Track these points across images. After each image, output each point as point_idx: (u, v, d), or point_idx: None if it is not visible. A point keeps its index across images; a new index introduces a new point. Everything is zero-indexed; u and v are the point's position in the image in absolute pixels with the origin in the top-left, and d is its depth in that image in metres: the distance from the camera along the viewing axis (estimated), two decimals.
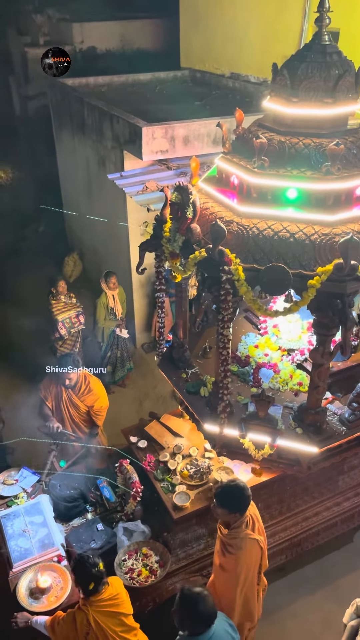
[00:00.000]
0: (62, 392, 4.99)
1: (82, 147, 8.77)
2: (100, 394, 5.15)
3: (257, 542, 3.49)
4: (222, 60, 9.56)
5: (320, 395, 3.77)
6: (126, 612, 3.31)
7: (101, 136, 7.75)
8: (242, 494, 3.40)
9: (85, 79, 9.81)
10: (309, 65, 3.42)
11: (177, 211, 3.69)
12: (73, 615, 3.27)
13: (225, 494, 3.40)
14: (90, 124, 8.12)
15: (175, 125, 6.56)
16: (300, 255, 3.30)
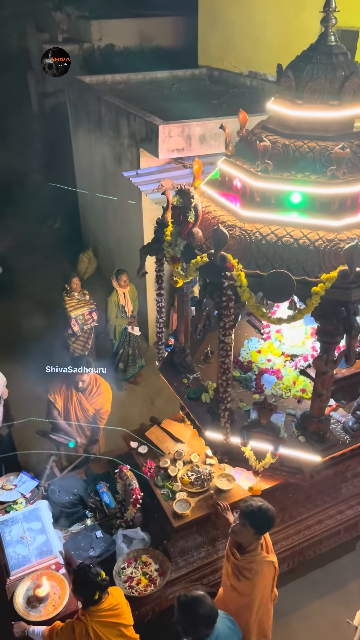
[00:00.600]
0: (73, 395, 4.96)
1: (99, 144, 8.80)
2: (108, 398, 5.15)
3: (272, 563, 3.42)
4: (240, 58, 9.50)
5: (324, 404, 3.70)
6: (126, 622, 3.26)
7: (118, 134, 7.76)
8: (272, 518, 3.34)
9: (103, 76, 9.84)
10: (314, 66, 3.34)
11: (179, 215, 3.63)
12: (72, 626, 3.22)
13: (258, 515, 3.30)
14: (107, 122, 8.14)
15: (191, 124, 6.55)
16: (304, 262, 3.22)
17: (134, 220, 7.68)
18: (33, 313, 8.57)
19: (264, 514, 3.31)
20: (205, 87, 9.91)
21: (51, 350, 7.01)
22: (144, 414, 6.30)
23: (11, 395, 5.35)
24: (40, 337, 7.71)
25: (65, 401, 5.00)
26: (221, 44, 9.92)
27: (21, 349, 7.65)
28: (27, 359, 7.17)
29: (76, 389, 4.94)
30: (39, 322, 8.22)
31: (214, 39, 10.11)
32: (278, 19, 8.16)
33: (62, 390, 4.99)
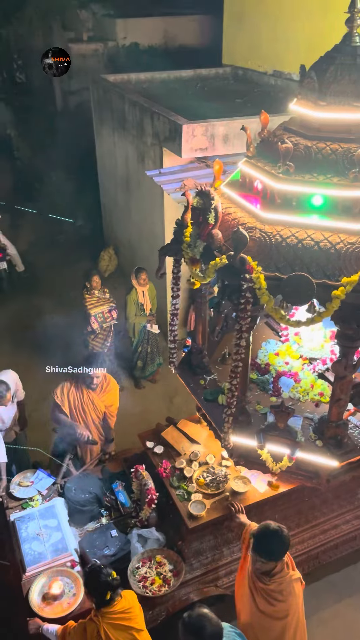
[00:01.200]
0: (84, 393, 4.89)
1: (122, 142, 8.84)
2: (117, 394, 5.12)
3: (299, 580, 3.35)
4: (265, 57, 9.43)
5: (342, 408, 3.67)
6: (138, 627, 3.25)
7: (141, 132, 7.78)
8: (283, 540, 3.19)
9: (127, 75, 9.86)
10: (338, 67, 3.30)
11: (199, 216, 3.61)
12: (84, 626, 3.23)
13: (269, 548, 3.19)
14: (131, 120, 8.17)
15: (215, 123, 6.53)
16: (325, 265, 3.19)
17: (156, 219, 7.70)
18: (53, 310, 8.63)
19: (273, 542, 3.18)
20: (229, 86, 9.88)
21: (70, 347, 7.08)
22: (162, 412, 6.33)
23: (29, 393, 5.39)
24: (60, 334, 7.78)
25: (77, 401, 4.90)
26: (246, 43, 9.86)
27: (41, 346, 7.73)
28: (46, 355, 7.26)
29: (87, 387, 4.86)
30: (59, 319, 8.27)
31: (239, 37, 10.06)
32: (304, 18, 8.08)
33: (71, 390, 4.89)
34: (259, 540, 3.20)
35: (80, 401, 4.91)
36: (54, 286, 9.31)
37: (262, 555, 3.19)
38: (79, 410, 4.90)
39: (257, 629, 3.36)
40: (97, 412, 4.99)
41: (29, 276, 9.75)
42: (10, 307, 9.06)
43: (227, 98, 8.64)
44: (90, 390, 4.89)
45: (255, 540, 3.21)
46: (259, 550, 3.19)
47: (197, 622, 2.73)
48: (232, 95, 8.89)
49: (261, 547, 3.19)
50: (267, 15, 9.02)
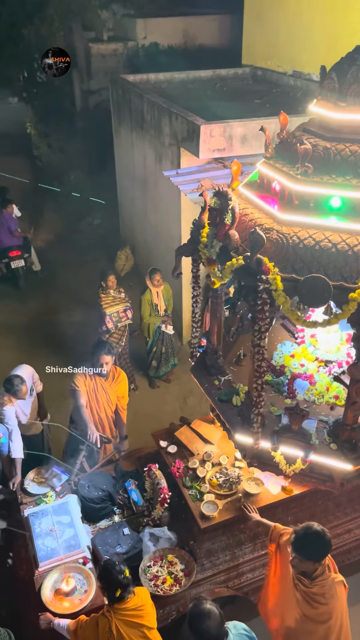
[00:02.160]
0: (98, 383, 4.96)
1: (140, 142, 8.88)
2: (126, 386, 5.18)
3: (342, 582, 3.31)
4: (285, 57, 9.41)
5: (358, 412, 3.64)
6: (149, 625, 3.26)
7: (159, 132, 7.81)
8: (324, 541, 3.18)
9: (147, 75, 9.92)
10: (358, 68, 3.28)
11: (216, 217, 3.62)
12: (96, 621, 3.25)
13: (309, 546, 3.19)
14: (149, 120, 8.20)
15: (233, 124, 6.53)
16: (342, 267, 3.17)
17: (173, 219, 7.71)
18: (69, 308, 8.71)
19: (313, 543, 3.18)
20: (248, 87, 9.86)
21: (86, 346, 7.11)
22: (176, 412, 6.34)
23: (44, 391, 5.44)
24: (76, 332, 7.85)
25: (92, 392, 4.98)
26: (266, 43, 9.83)
27: (56, 344, 7.80)
28: (62, 353, 7.34)
29: (100, 375, 4.92)
30: (74, 318, 8.36)
31: (258, 37, 10.03)
32: (325, 18, 8.04)
33: (87, 379, 4.96)
34: (299, 539, 3.19)
35: (94, 391, 4.97)
36: (70, 285, 9.39)
37: (300, 553, 3.20)
38: (94, 401, 4.96)
39: (300, 633, 3.35)
40: (110, 404, 5.05)
41: (44, 277, 9.84)
42: (27, 306, 9.15)
43: (246, 98, 8.63)
44: (102, 378, 4.94)
45: (296, 537, 3.20)
46: (298, 549, 3.20)
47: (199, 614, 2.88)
48: (250, 95, 8.88)
49: (301, 546, 3.19)
50: (286, 15, 8.99)
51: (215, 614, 2.90)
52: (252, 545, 4.34)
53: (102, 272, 6.90)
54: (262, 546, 4.34)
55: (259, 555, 4.31)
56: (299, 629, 3.35)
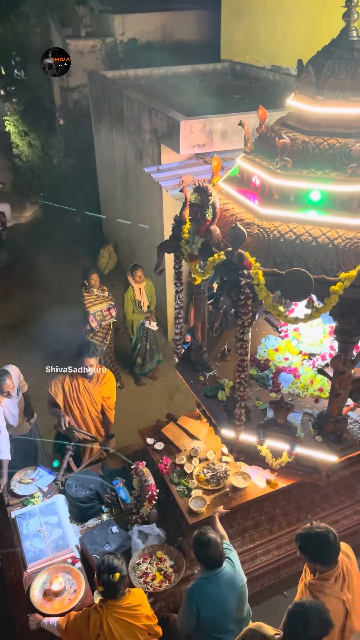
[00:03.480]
0: (80, 384, 4.88)
1: (120, 139, 8.83)
2: (113, 386, 5.11)
3: (342, 602, 3.22)
4: (264, 52, 9.39)
5: (341, 404, 3.67)
6: (142, 627, 3.22)
7: (139, 129, 7.77)
8: (325, 545, 3.14)
9: (125, 71, 9.86)
10: (335, 62, 3.28)
11: (197, 212, 3.61)
12: (88, 614, 3.22)
13: (306, 540, 3.19)
14: (129, 117, 8.15)
15: (213, 119, 6.51)
16: (323, 260, 3.19)
17: (155, 215, 7.69)
18: (52, 307, 8.63)
19: (311, 540, 3.17)
20: (227, 82, 9.85)
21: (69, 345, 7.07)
22: (163, 409, 6.34)
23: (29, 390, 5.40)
24: (59, 332, 7.79)
25: (73, 392, 4.89)
26: (244, 38, 9.82)
27: (40, 344, 7.74)
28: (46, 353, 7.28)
29: (84, 376, 4.86)
30: (57, 317, 8.28)
31: (237, 32, 10.02)
32: (302, 12, 8.04)
33: (66, 382, 4.88)
34: (303, 538, 3.21)
35: (76, 392, 4.90)
36: (53, 284, 9.31)
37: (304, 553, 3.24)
38: (75, 402, 4.89)
39: None
40: (95, 404, 4.99)
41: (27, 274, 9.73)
42: (9, 305, 9.06)
43: (225, 94, 8.62)
44: (86, 379, 4.88)
45: (301, 536, 3.23)
46: (302, 548, 3.23)
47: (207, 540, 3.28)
48: (230, 90, 8.87)
49: (304, 546, 3.21)
50: (265, 10, 8.98)
51: (217, 542, 3.29)
52: (241, 539, 4.37)
53: (84, 271, 6.85)
54: (250, 540, 4.38)
55: (247, 549, 4.34)
56: None
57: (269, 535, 4.44)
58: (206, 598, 3.31)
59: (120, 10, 12.07)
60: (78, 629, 3.25)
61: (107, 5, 12.34)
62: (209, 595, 3.32)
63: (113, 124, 9.05)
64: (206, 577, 3.34)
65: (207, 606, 3.31)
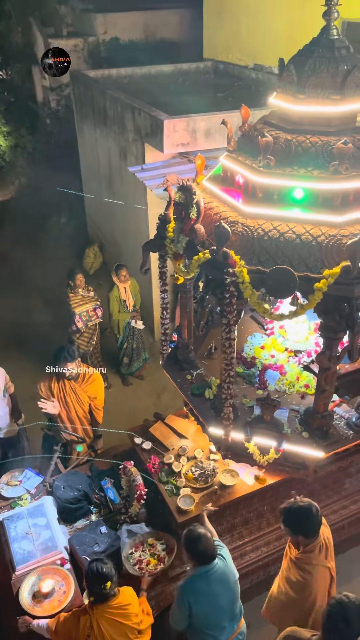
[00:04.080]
0: (66, 385, 4.90)
1: (104, 139, 8.80)
2: (101, 385, 5.11)
3: (328, 570, 3.41)
4: (246, 51, 9.42)
5: (327, 399, 3.70)
6: (133, 626, 3.23)
7: (123, 128, 7.75)
8: (308, 517, 3.31)
9: (108, 70, 9.82)
10: (316, 60, 3.31)
11: (181, 211, 3.62)
12: (78, 615, 3.23)
13: (290, 513, 3.34)
14: (112, 116, 8.14)
15: (196, 118, 6.53)
16: (307, 257, 3.21)
17: (140, 215, 7.69)
18: (38, 308, 8.60)
19: (294, 513, 3.31)
20: (210, 81, 9.87)
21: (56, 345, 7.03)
22: (150, 409, 6.33)
23: (16, 391, 5.37)
24: (45, 332, 7.76)
25: (61, 393, 4.91)
26: (227, 37, 9.84)
27: (26, 345, 7.70)
28: (32, 354, 7.25)
29: (65, 377, 4.87)
30: (43, 318, 8.26)
31: (219, 31, 10.04)
32: (284, 11, 8.08)
33: (53, 383, 4.90)
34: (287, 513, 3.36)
35: (63, 392, 4.91)
36: (38, 285, 9.25)
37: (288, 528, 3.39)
38: (63, 402, 4.91)
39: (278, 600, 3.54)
40: (82, 404, 4.98)
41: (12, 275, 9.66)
42: None
43: (209, 92, 8.65)
44: (70, 380, 4.89)
45: (284, 511, 3.37)
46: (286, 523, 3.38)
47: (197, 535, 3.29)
48: (213, 89, 8.89)
49: (288, 520, 3.36)
50: (246, 9, 9.01)
51: (207, 536, 3.30)
52: (230, 536, 4.38)
53: (70, 271, 6.83)
54: (239, 537, 4.39)
55: (236, 546, 4.36)
56: (278, 596, 3.53)
57: (258, 531, 4.45)
58: (198, 594, 3.33)
59: (102, 9, 12.04)
60: (68, 630, 3.25)
61: (89, 4, 12.30)
62: (201, 592, 3.33)
63: (96, 123, 9.02)
64: (198, 573, 3.36)
65: (199, 603, 3.33)
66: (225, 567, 3.41)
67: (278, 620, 3.69)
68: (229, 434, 3.82)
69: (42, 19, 12.39)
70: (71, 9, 12.41)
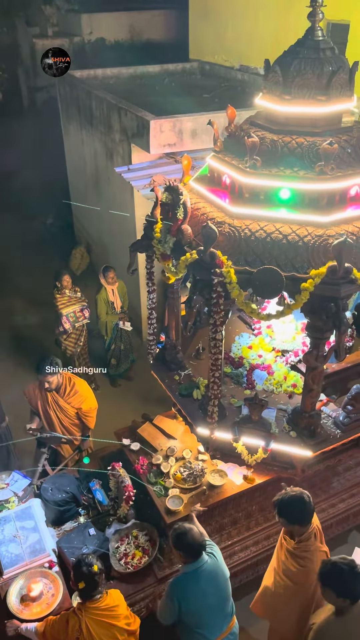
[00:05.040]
0: (47, 396, 4.84)
1: (90, 139, 8.77)
2: (87, 394, 5.00)
3: (325, 553, 3.48)
4: (232, 52, 9.45)
5: (315, 399, 3.72)
6: (122, 626, 3.23)
7: (109, 129, 7.74)
8: (302, 505, 3.38)
9: (94, 70, 9.80)
10: (301, 61, 3.33)
11: (168, 212, 3.61)
12: (67, 618, 3.22)
13: (284, 504, 3.40)
14: (98, 117, 8.11)
15: (183, 119, 6.53)
16: (294, 258, 3.22)
17: (127, 216, 7.67)
18: (24, 310, 8.54)
19: (288, 504, 3.39)
20: (196, 81, 9.88)
21: (43, 347, 7.01)
22: (139, 410, 6.29)
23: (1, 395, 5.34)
24: (32, 334, 7.70)
25: (43, 403, 4.85)
26: (212, 38, 9.87)
27: (12, 346, 7.64)
28: (18, 356, 7.19)
29: (45, 389, 4.80)
30: (30, 320, 8.20)
31: (205, 32, 10.06)
32: (270, 12, 8.12)
33: (36, 392, 4.85)
34: (282, 503, 3.42)
35: (44, 403, 4.86)
36: (24, 286, 9.21)
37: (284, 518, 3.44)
38: (46, 414, 4.88)
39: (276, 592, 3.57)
40: (66, 414, 4.92)
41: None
42: None
43: (195, 93, 8.65)
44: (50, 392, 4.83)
45: (279, 502, 3.43)
46: (281, 513, 3.44)
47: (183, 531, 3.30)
48: (199, 90, 8.90)
49: (284, 510, 3.42)
50: (232, 10, 9.04)
51: (194, 530, 3.31)
52: (219, 536, 4.39)
53: (56, 272, 6.80)
54: (228, 537, 4.40)
55: (225, 546, 4.36)
56: (277, 586, 3.56)
57: (247, 531, 4.46)
58: (187, 592, 3.34)
59: (87, 10, 12.02)
60: (57, 633, 3.24)
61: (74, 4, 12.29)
62: (191, 590, 3.34)
63: (82, 124, 8.99)
64: (188, 570, 3.36)
65: (188, 601, 3.33)
66: (215, 565, 3.41)
67: (272, 614, 3.75)
68: (214, 432, 3.83)
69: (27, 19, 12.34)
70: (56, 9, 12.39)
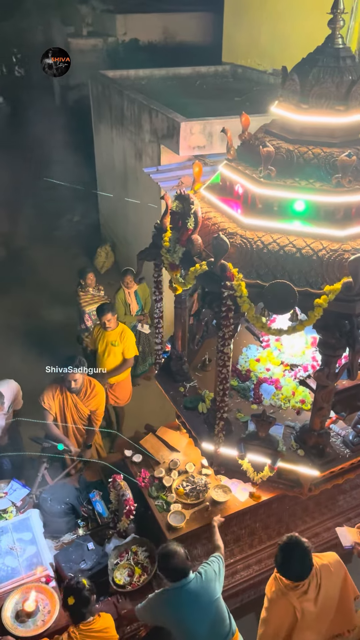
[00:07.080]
0: (68, 398, 4.87)
1: (120, 139, 8.79)
2: (103, 398, 5.11)
3: (293, 608, 3.27)
4: (265, 55, 9.40)
5: (324, 417, 3.60)
6: None
7: (139, 129, 7.74)
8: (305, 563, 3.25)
9: (126, 71, 9.82)
10: (320, 70, 3.22)
11: (178, 221, 3.51)
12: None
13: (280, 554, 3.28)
14: (129, 117, 8.13)
15: (213, 121, 6.51)
16: (307, 272, 3.11)
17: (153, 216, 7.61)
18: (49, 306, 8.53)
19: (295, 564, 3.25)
20: (228, 84, 9.84)
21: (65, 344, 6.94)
22: (157, 411, 6.21)
23: None
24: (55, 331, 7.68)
25: (61, 405, 4.89)
26: (246, 41, 9.84)
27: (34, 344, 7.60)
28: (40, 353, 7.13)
29: (69, 390, 4.84)
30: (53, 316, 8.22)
31: (239, 35, 10.03)
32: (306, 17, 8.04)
33: (57, 394, 4.89)
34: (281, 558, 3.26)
35: (63, 405, 4.87)
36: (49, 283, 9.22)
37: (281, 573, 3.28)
38: (62, 415, 4.88)
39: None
40: (81, 417, 4.96)
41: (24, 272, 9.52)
42: (4, 304, 8.89)
43: (226, 96, 8.61)
44: (73, 393, 4.85)
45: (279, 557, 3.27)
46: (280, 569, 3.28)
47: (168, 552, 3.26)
48: (231, 93, 8.86)
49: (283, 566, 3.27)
50: (267, 13, 9.02)
51: (180, 553, 3.24)
52: None
53: (81, 270, 6.81)
54: (230, 555, 4.28)
55: (228, 564, 4.23)
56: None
57: (250, 549, 4.34)
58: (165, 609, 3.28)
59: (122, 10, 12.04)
60: None
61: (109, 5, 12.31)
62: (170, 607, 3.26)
63: (113, 123, 9.01)
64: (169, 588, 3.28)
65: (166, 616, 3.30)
66: (199, 586, 3.27)
67: None
68: (219, 448, 3.72)
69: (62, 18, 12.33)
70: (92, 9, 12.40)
